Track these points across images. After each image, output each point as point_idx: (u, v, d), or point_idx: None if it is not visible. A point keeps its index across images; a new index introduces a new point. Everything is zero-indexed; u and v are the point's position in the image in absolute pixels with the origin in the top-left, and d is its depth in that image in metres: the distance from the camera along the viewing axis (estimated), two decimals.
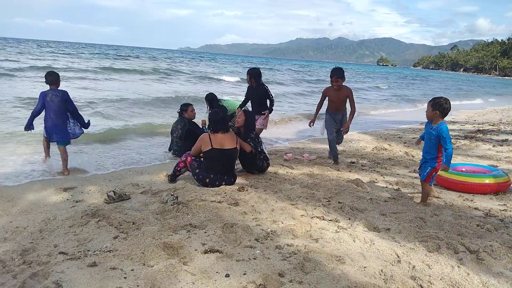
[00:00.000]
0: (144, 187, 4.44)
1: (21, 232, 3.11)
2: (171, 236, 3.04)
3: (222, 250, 2.81)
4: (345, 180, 4.92)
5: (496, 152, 7.03)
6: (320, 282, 2.41)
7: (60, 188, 4.27)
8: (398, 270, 2.60)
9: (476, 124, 11.76)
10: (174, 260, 2.64)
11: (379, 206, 3.98)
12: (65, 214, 3.48)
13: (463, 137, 8.80)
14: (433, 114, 3.84)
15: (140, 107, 11.63)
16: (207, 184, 4.43)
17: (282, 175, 5.14)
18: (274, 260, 2.68)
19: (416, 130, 10.09)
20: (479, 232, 3.29)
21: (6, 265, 2.56)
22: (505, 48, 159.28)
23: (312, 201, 4.03)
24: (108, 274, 2.46)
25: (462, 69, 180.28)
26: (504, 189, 4.55)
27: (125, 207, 3.68)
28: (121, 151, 6.67)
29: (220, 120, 4.57)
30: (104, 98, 12.28)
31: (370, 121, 12.49)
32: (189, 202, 3.83)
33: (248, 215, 3.55)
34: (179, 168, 4.65)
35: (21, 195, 4.03)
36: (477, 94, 30.07)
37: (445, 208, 3.95)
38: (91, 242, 2.91)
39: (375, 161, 6.19)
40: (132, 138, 7.77)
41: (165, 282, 2.38)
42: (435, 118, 3.86)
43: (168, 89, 17.37)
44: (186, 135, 5.96)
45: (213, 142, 4.46)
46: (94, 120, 9.40)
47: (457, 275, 2.53)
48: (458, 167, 4.97)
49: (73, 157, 6.06)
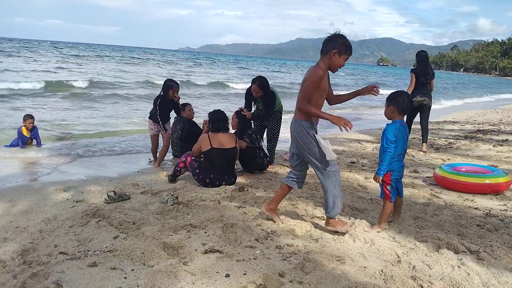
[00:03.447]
0: (144, 187, 4.44)
1: (21, 232, 3.11)
2: (171, 236, 3.04)
3: (222, 250, 2.81)
4: (345, 180, 4.92)
5: (496, 152, 7.03)
6: (320, 282, 2.40)
7: (60, 188, 4.27)
8: (398, 270, 2.60)
9: (476, 124, 11.76)
10: (174, 260, 2.64)
11: (379, 206, 3.97)
12: (65, 214, 3.48)
13: (463, 137, 8.80)
14: (388, 109, 3.26)
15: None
16: (207, 184, 4.43)
17: (282, 175, 5.14)
18: (274, 260, 2.68)
19: (416, 130, 10.08)
20: (479, 232, 3.28)
21: (6, 265, 2.56)
22: (505, 48, 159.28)
23: (312, 201, 4.03)
24: (108, 274, 2.46)
25: (462, 69, 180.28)
26: (504, 189, 4.55)
27: (125, 207, 3.68)
28: (121, 151, 6.67)
29: (221, 120, 4.57)
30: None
31: (370, 121, 12.49)
32: (189, 202, 3.83)
33: (248, 215, 3.55)
34: (179, 168, 4.65)
35: (21, 195, 4.03)
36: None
37: (445, 208, 3.95)
38: (91, 242, 2.91)
39: (375, 161, 6.18)
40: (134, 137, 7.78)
41: (165, 282, 2.38)
42: (392, 115, 3.26)
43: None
44: (186, 135, 5.94)
45: (212, 142, 4.46)
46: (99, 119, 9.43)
47: (457, 275, 2.53)
48: (458, 167, 4.96)
49: (73, 157, 6.08)
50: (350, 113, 13.84)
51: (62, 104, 11.77)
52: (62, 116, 9.67)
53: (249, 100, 5.47)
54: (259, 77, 5.30)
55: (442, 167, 4.94)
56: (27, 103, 11.34)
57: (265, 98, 5.28)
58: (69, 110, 10.93)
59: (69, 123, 8.76)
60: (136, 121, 9.63)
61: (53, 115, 9.73)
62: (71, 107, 11.33)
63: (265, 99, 5.28)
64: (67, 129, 8.15)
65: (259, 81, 5.20)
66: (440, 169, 4.86)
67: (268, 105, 5.30)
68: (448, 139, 8.47)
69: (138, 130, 8.39)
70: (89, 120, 9.42)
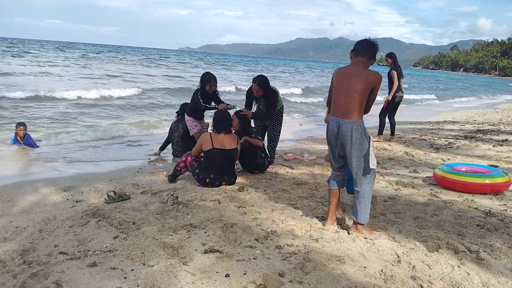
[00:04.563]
0: (144, 187, 4.44)
1: (21, 232, 3.11)
2: (171, 236, 3.04)
3: (222, 250, 2.81)
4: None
5: (496, 152, 7.03)
6: (320, 282, 2.41)
7: (60, 188, 4.27)
8: (398, 270, 2.60)
9: (476, 124, 11.76)
10: (174, 260, 2.64)
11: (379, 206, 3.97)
12: (65, 214, 3.48)
13: (463, 137, 8.80)
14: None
15: None
16: (207, 184, 4.43)
17: (282, 175, 5.14)
18: (274, 260, 2.68)
19: (416, 130, 10.09)
20: (479, 232, 3.28)
21: (6, 265, 2.56)
22: (505, 48, 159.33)
23: (312, 201, 4.03)
24: (108, 274, 2.46)
25: (462, 69, 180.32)
26: (504, 189, 4.55)
27: (125, 207, 3.68)
28: (121, 151, 6.67)
29: (224, 121, 4.56)
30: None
31: (370, 121, 12.46)
32: (189, 202, 3.83)
33: (248, 215, 3.55)
34: (179, 168, 4.64)
35: (21, 195, 4.03)
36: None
37: (445, 208, 3.95)
38: (91, 242, 2.91)
39: None
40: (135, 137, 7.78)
41: (165, 282, 2.38)
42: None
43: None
44: (188, 135, 5.93)
45: (214, 142, 4.46)
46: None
47: (457, 275, 2.53)
48: (458, 167, 4.96)
49: (73, 157, 6.08)
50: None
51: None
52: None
53: (250, 99, 5.43)
54: (259, 76, 5.27)
55: (442, 167, 4.95)
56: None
57: (266, 97, 5.25)
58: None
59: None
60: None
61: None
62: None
63: (266, 98, 5.26)
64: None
65: (259, 80, 5.16)
66: (440, 169, 4.86)
67: (270, 105, 5.28)
68: (448, 139, 8.47)
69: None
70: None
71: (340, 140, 3.07)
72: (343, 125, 3.03)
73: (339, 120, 3.05)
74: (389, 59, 7.71)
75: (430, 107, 19.19)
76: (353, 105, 2.99)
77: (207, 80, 5.43)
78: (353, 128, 3.00)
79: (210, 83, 5.42)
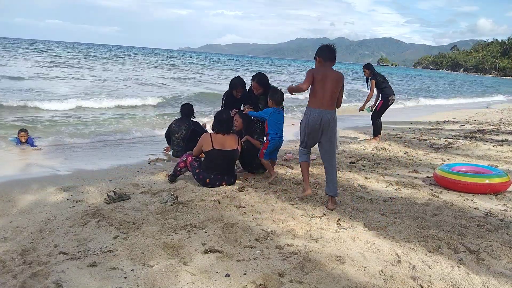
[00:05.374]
0: (144, 187, 4.44)
1: (21, 232, 3.11)
2: (171, 236, 3.04)
3: (222, 250, 2.81)
4: (345, 180, 4.92)
5: (496, 152, 7.03)
6: (320, 282, 2.41)
7: (60, 188, 4.27)
8: (398, 270, 2.60)
9: (476, 124, 11.76)
10: (174, 260, 2.64)
11: (379, 206, 3.98)
12: (65, 214, 3.48)
13: (463, 137, 8.80)
14: (269, 102, 4.75)
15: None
16: (207, 184, 4.43)
17: (282, 175, 5.14)
18: (274, 260, 2.68)
19: (416, 130, 10.09)
20: (479, 232, 3.28)
21: (6, 265, 2.56)
22: (505, 48, 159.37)
23: (312, 201, 4.03)
24: (108, 274, 2.46)
25: (462, 69, 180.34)
26: (504, 189, 4.55)
27: (125, 207, 3.68)
28: (121, 151, 6.67)
29: (224, 121, 4.55)
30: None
31: (370, 121, 12.44)
32: (189, 202, 3.83)
33: (248, 215, 3.55)
34: (180, 168, 4.64)
35: (21, 195, 4.03)
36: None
37: (445, 208, 3.95)
38: (91, 242, 2.91)
39: (375, 161, 6.19)
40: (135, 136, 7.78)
41: (165, 282, 2.38)
42: (270, 105, 4.78)
43: None
44: (190, 136, 5.91)
45: (214, 142, 4.46)
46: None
47: (457, 275, 2.54)
48: (458, 167, 4.96)
49: (73, 157, 6.08)
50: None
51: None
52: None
53: (249, 99, 5.38)
54: (258, 74, 5.21)
55: (442, 167, 4.94)
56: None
57: (266, 95, 5.13)
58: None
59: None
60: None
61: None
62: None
63: (266, 96, 5.14)
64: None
65: (258, 77, 5.10)
66: (440, 169, 4.86)
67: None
68: (448, 139, 8.47)
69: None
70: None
71: (322, 126, 3.79)
72: (326, 114, 3.77)
73: (322, 111, 3.77)
74: (367, 70, 7.97)
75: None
76: (333, 100, 3.81)
77: (234, 85, 5.40)
78: (333, 117, 3.83)
79: (237, 89, 5.39)
